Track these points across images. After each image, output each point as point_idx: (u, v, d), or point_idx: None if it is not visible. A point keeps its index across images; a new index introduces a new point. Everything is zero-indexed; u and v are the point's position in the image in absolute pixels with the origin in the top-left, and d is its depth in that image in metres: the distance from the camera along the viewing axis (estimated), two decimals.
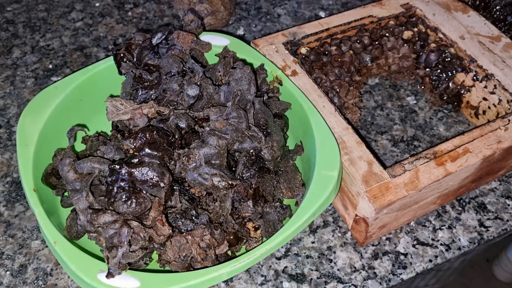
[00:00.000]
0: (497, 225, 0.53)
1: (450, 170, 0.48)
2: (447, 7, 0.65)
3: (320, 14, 0.79)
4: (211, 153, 0.45)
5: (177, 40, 0.53)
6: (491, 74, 0.57)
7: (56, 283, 0.48)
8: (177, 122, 0.48)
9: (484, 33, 0.62)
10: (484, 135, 0.51)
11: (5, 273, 0.48)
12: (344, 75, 0.60)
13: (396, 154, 0.59)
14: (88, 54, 0.71)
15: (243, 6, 0.79)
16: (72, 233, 0.45)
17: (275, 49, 0.59)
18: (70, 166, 0.45)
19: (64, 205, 0.48)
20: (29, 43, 0.72)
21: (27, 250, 0.50)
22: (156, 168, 0.43)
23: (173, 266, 0.44)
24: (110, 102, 0.49)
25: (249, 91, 0.50)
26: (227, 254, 0.46)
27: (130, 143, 0.44)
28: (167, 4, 0.79)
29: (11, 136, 0.60)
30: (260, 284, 0.48)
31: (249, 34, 0.75)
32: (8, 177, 0.56)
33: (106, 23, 0.76)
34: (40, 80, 0.67)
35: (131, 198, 0.42)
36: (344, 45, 0.62)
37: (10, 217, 0.53)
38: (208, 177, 0.45)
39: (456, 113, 0.63)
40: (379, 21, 0.65)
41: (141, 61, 0.53)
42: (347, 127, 0.51)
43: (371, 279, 0.48)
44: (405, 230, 0.52)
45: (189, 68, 0.52)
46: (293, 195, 0.49)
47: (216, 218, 0.46)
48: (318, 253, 0.50)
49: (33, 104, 0.51)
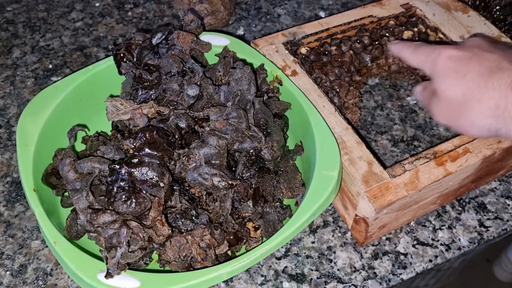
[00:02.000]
0: (497, 225, 0.53)
1: (450, 170, 0.48)
2: (447, 7, 0.65)
3: (320, 14, 0.79)
4: (211, 153, 0.45)
5: (177, 40, 0.53)
6: None
7: (56, 283, 0.48)
8: (177, 122, 0.48)
9: (484, 33, 0.61)
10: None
11: (5, 273, 0.48)
12: (344, 75, 0.60)
13: (396, 154, 0.59)
14: (88, 54, 0.71)
15: (243, 6, 0.79)
16: (72, 233, 0.45)
17: (275, 49, 0.59)
18: (70, 166, 0.45)
19: (64, 205, 0.48)
20: (29, 43, 0.72)
21: (27, 250, 0.50)
22: (155, 168, 0.43)
23: (173, 266, 0.44)
24: (110, 102, 0.49)
25: (249, 91, 0.50)
26: (227, 254, 0.46)
27: (130, 143, 0.44)
28: (167, 4, 0.79)
29: (11, 136, 0.60)
30: (260, 284, 0.48)
31: (249, 34, 0.75)
32: (8, 177, 0.56)
33: (106, 23, 0.76)
34: (40, 80, 0.67)
35: (130, 198, 0.42)
36: (344, 45, 0.62)
37: (10, 217, 0.53)
38: (208, 177, 0.45)
39: None
40: (379, 21, 0.65)
41: (141, 61, 0.53)
42: (347, 127, 0.51)
43: (371, 279, 0.48)
44: (405, 230, 0.52)
45: (189, 68, 0.52)
46: (293, 195, 0.49)
47: (216, 218, 0.46)
48: (318, 253, 0.50)
49: (33, 104, 0.51)
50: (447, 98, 0.45)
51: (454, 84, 0.44)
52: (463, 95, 0.43)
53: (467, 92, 0.43)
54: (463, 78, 0.43)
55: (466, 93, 0.43)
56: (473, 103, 0.43)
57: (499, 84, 0.41)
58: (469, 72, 0.43)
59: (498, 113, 0.42)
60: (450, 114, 0.46)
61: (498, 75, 0.42)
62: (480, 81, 0.42)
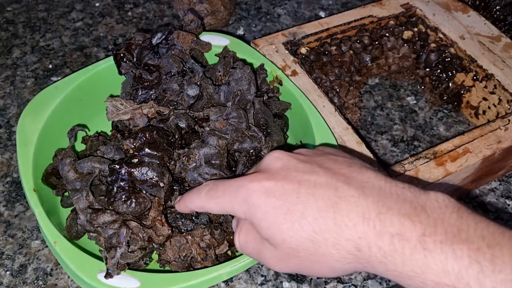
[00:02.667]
0: None
1: (450, 170, 0.48)
2: (447, 7, 0.65)
3: (320, 14, 0.79)
4: (211, 153, 0.45)
5: (177, 40, 0.53)
6: (491, 74, 0.57)
7: (56, 283, 0.48)
8: (177, 122, 0.48)
9: (484, 33, 0.61)
10: (484, 135, 0.51)
11: (5, 273, 0.48)
12: (344, 75, 0.60)
13: (396, 154, 0.59)
14: (88, 54, 0.71)
15: (243, 6, 0.79)
16: (72, 233, 0.45)
17: (275, 49, 0.59)
18: (71, 166, 0.45)
19: (64, 205, 0.48)
20: (29, 43, 0.72)
21: (27, 250, 0.50)
22: (155, 168, 0.43)
23: (173, 266, 0.44)
24: (110, 102, 0.49)
25: (249, 91, 0.50)
26: (227, 254, 0.46)
27: (130, 142, 0.44)
28: (167, 4, 0.79)
29: (11, 136, 0.60)
30: (260, 284, 0.48)
31: (249, 34, 0.75)
32: (8, 177, 0.56)
33: (106, 23, 0.76)
34: (40, 80, 0.67)
35: (130, 198, 0.42)
36: (344, 45, 0.62)
37: (10, 217, 0.53)
38: (208, 177, 0.45)
39: (456, 113, 0.63)
40: (379, 21, 0.65)
41: (141, 61, 0.53)
42: (347, 127, 0.51)
43: (371, 279, 0.48)
44: None
45: (189, 68, 0.52)
46: None
47: (216, 218, 0.46)
48: None
49: (33, 104, 0.51)
50: (288, 248, 0.33)
51: (294, 230, 0.32)
52: (312, 241, 0.32)
53: (316, 236, 0.32)
54: (302, 219, 0.32)
55: (314, 238, 0.32)
56: (328, 249, 0.32)
57: (350, 219, 0.31)
58: (306, 211, 0.32)
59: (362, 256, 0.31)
60: (295, 263, 0.34)
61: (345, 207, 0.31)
62: (326, 220, 0.32)
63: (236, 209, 0.35)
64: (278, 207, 0.33)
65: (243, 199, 0.34)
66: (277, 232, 0.33)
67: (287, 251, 0.33)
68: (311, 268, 0.34)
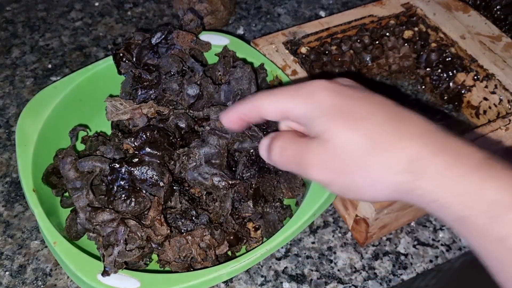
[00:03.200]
0: None
1: None
2: (447, 7, 0.65)
3: (320, 13, 0.79)
4: (211, 153, 0.45)
5: (176, 39, 0.53)
6: (492, 74, 0.57)
7: (56, 284, 0.48)
8: (177, 122, 0.48)
9: (485, 33, 0.61)
10: (485, 135, 0.50)
11: (4, 274, 0.48)
12: None
13: None
14: (88, 53, 0.71)
15: (243, 6, 0.79)
16: (72, 233, 0.45)
17: (275, 48, 0.59)
18: (71, 165, 0.45)
19: (64, 206, 0.48)
20: (28, 43, 0.72)
21: (26, 250, 0.50)
22: (155, 167, 0.43)
23: (173, 266, 0.44)
24: (109, 102, 0.49)
25: (250, 90, 0.50)
26: (227, 254, 0.46)
27: (131, 142, 0.44)
28: (166, 3, 0.79)
29: (10, 136, 0.60)
30: (260, 284, 0.48)
31: (249, 33, 0.75)
32: (7, 177, 0.56)
33: (105, 22, 0.76)
34: (40, 80, 0.67)
35: (130, 197, 0.42)
36: (344, 44, 0.62)
37: (9, 217, 0.53)
38: (208, 177, 0.45)
39: (456, 113, 0.63)
40: (380, 21, 0.65)
41: (140, 60, 0.52)
42: None
43: (372, 280, 0.48)
44: (405, 230, 0.52)
45: (189, 67, 0.52)
46: (293, 195, 0.49)
47: (216, 218, 0.46)
48: (318, 253, 0.50)
49: (33, 104, 0.51)
50: (337, 146, 0.32)
51: (352, 127, 0.32)
52: (364, 143, 0.32)
53: (369, 140, 0.32)
54: (364, 121, 0.32)
55: (367, 141, 0.32)
56: (377, 155, 0.31)
57: (410, 133, 0.31)
58: (371, 115, 0.32)
59: (412, 168, 0.31)
60: (339, 167, 0.33)
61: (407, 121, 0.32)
62: (387, 127, 0.32)
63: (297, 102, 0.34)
64: (344, 105, 0.33)
65: (306, 94, 0.34)
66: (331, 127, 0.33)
67: (336, 151, 0.33)
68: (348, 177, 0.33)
